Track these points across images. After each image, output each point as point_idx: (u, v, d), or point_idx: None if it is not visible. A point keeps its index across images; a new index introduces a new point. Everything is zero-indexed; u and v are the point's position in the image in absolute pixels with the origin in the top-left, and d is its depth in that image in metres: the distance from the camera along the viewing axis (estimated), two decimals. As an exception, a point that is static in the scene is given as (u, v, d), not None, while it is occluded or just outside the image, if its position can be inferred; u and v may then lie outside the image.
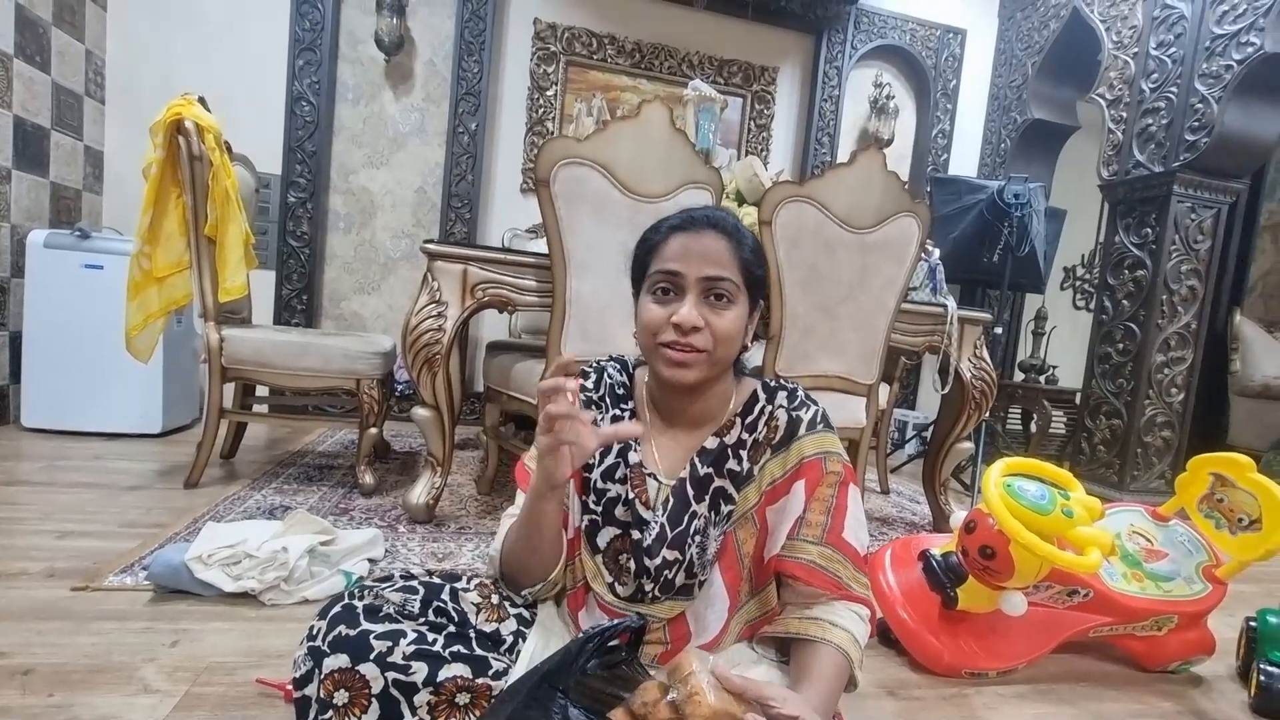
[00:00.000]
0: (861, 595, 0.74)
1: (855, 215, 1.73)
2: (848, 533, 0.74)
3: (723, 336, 0.72)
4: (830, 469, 0.76)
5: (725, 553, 0.76)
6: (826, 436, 0.77)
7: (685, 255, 0.73)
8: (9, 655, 0.98)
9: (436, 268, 1.66)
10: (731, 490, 0.76)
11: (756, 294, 0.77)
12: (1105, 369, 2.78)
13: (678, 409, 0.80)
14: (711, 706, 0.55)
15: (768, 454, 0.77)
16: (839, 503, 0.75)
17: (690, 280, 0.72)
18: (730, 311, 0.73)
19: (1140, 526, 1.29)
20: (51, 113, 2.44)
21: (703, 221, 0.75)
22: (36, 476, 1.84)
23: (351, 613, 0.74)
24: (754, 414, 0.79)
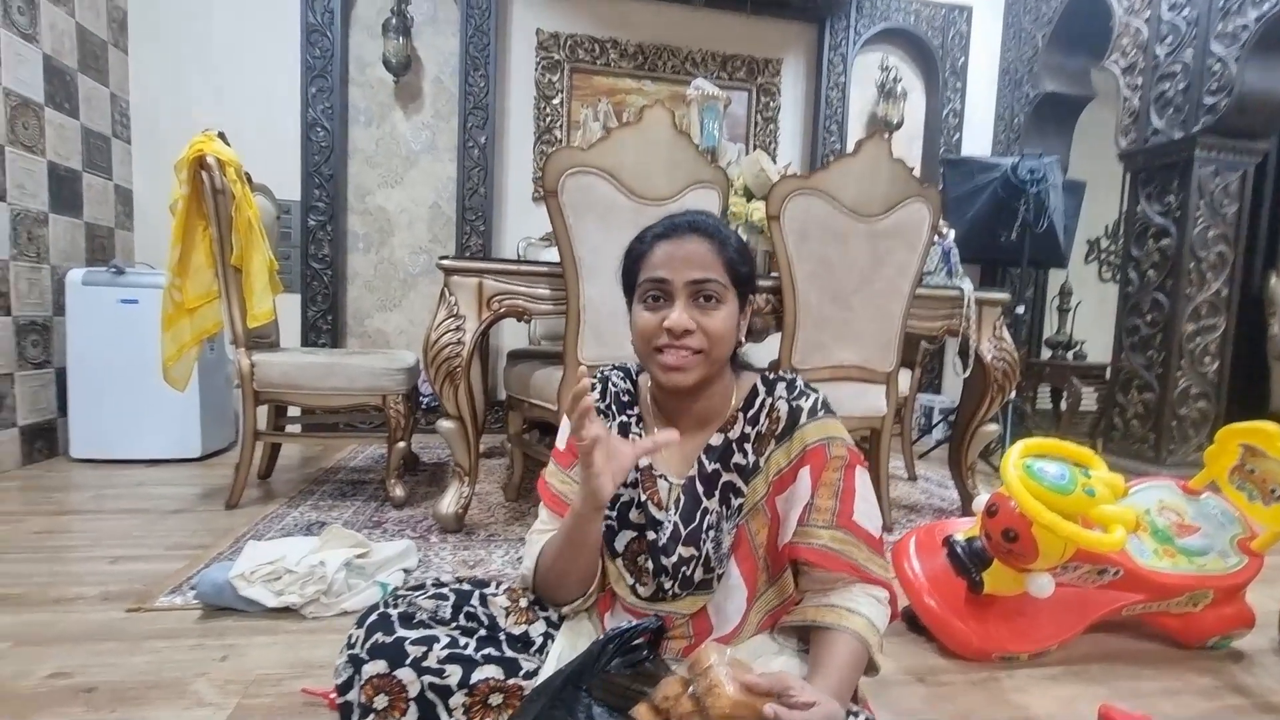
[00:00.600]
0: (880, 577, 0.74)
1: (864, 204, 1.72)
2: (858, 515, 0.75)
3: (715, 336, 0.74)
4: (835, 454, 0.76)
5: (740, 545, 0.77)
6: (828, 422, 0.78)
7: (670, 262, 0.74)
8: (72, 675, 1.04)
9: (453, 282, 1.70)
10: (740, 484, 0.78)
11: (744, 291, 0.79)
12: (1134, 342, 2.72)
13: (681, 410, 0.82)
14: (731, 698, 0.56)
15: (772, 445, 0.78)
16: (846, 486, 0.76)
17: (678, 285, 0.74)
18: (720, 311, 0.74)
19: (1170, 501, 1.27)
20: (82, 156, 2.54)
21: (685, 227, 0.77)
22: (87, 505, 1.92)
23: (387, 620, 0.77)
24: (755, 407, 0.80)
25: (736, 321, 0.77)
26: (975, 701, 1.05)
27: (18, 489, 2.04)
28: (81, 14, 2.52)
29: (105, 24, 2.66)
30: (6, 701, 0.96)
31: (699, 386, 0.77)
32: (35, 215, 2.32)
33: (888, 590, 0.75)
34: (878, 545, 0.76)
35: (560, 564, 0.78)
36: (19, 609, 1.26)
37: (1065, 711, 1.03)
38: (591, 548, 0.77)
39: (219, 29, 2.84)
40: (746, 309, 0.80)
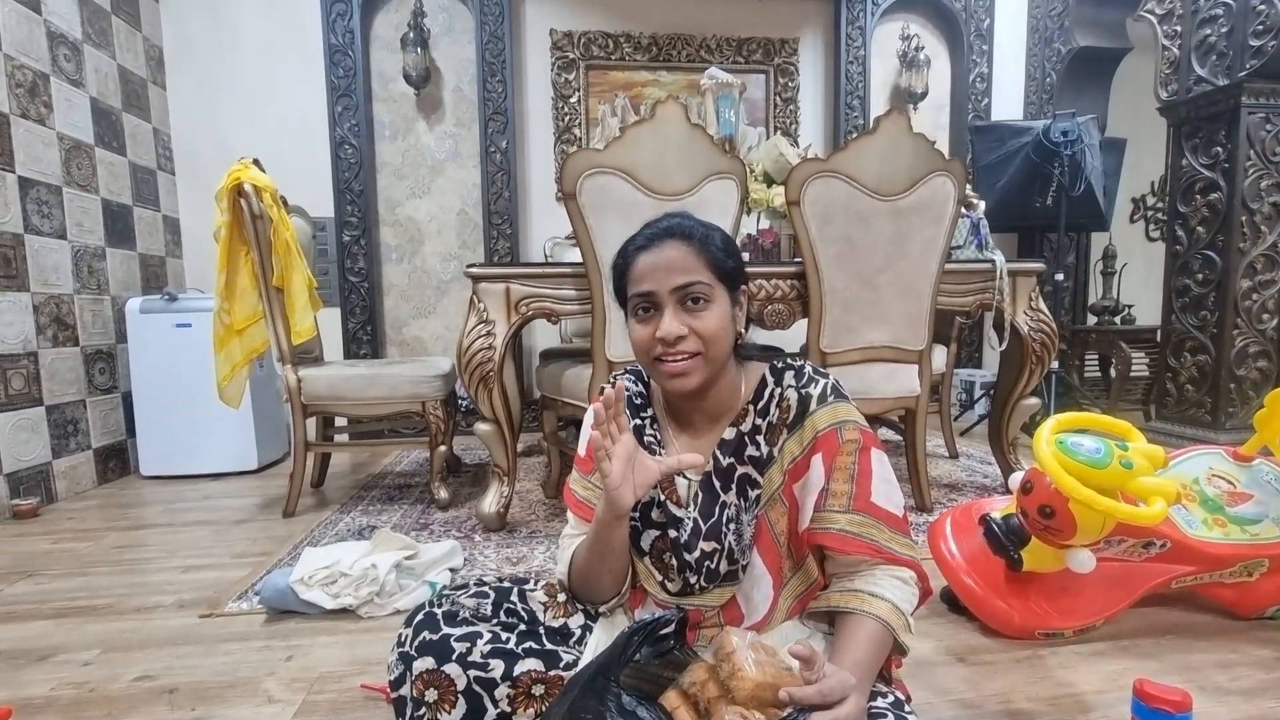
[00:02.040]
0: (904, 556, 0.74)
1: (886, 182, 1.70)
2: (876, 496, 0.75)
3: (709, 336, 0.74)
4: (847, 437, 0.76)
5: (761, 535, 0.79)
6: (838, 406, 0.78)
7: (653, 272, 0.75)
8: (156, 678, 1.13)
9: (481, 289, 1.74)
10: (755, 475, 0.79)
11: (734, 285, 0.78)
12: (1185, 302, 2.61)
13: (691, 409, 0.83)
14: (754, 680, 0.58)
15: (784, 434, 0.78)
16: (862, 469, 0.75)
17: (663, 294, 0.75)
18: (709, 311, 0.75)
19: (1220, 469, 1.23)
20: (131, 191, 2.69)
21: (663, 234, 0.77)
22: (159, 519, 2.05)
23: (433, 619, 0.81)
24: (765, 398, 0.81)
25: (730, 317, 0.77)
26: (1017, 679, 1.05)
27: (96, 507, 2.19)
28: (122, 56, 2.66)
29: (144, 63, 2.80)
30: (100, 703, 1.05)
31: (705, 386, 0.78)
32: (94, 250, 2.47)
33: (913, 569, 0.75)
34: (900, 524, 0.76)
35: (591, 567, 0.81)
36: (106, 618, 1.36)
37: (1111, 686, 1.01)
38: (619, 551, 0.79)
39: (248, 59, 2.96)
40: (740, 302, 0.80)
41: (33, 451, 2.16)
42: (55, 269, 2.28)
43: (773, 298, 1.83)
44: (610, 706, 0.59)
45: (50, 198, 2.27)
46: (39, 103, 2.23)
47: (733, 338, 0.78)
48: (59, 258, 2.30)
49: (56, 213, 2.29)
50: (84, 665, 1.17)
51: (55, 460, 2.25)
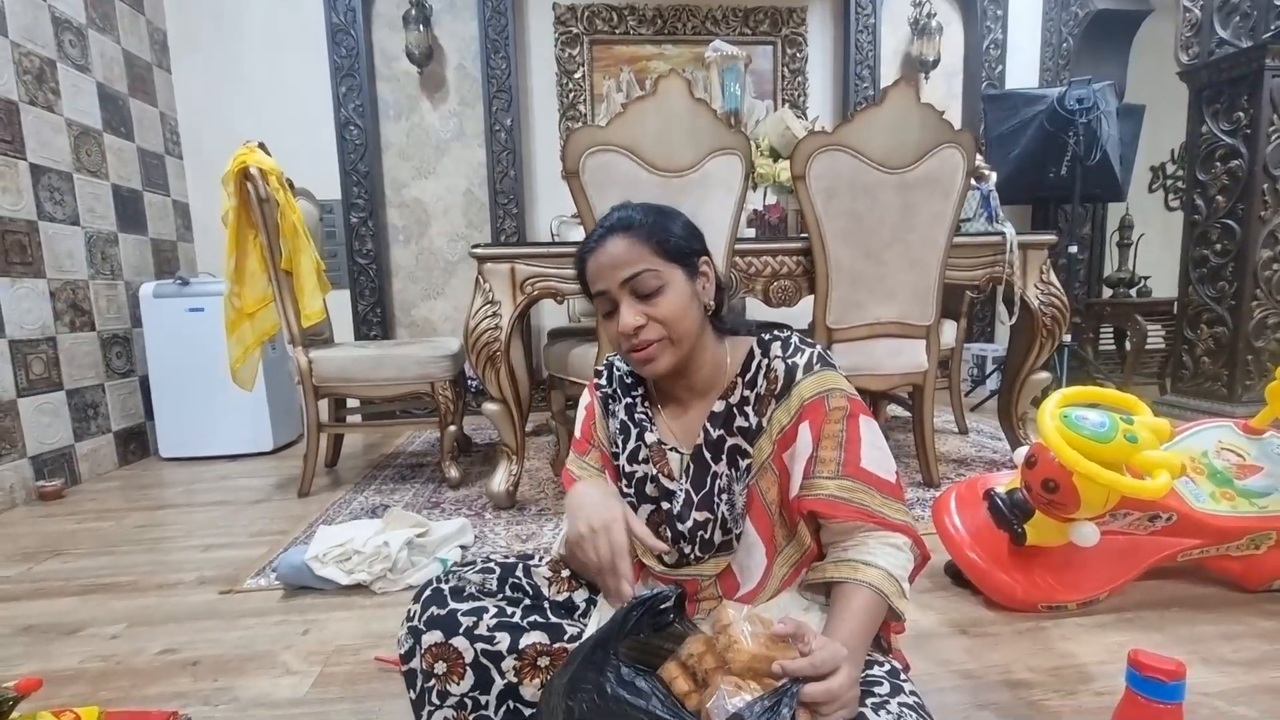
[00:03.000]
0: (896, 521, 0.74)
1: (893, 155, 1.67)
2: (866, 462, 0.75)
3: (668, 319, 0.76)
4: (834, 405, 0.77)
5: (753, 504, 0.80)
6: (825, 375, 0.78)
7: (601, 272, 0.77)
8: (179, 651, 1.17)
9: (486, 269, 1.75)
10: (745, 445, 0.80)
11: (687, 261, 0.79)
12: (1203, 273, 2.56)
13: (677, 387, 0.85)
14: (750, 652, 0.60)
15: (773, 404, 0.79)
16: (850, 435, 0.76)
17: (614, 290, 0.77)
18: (663, 296, 0.76)
19: (1230, 442, 1.22)
20: (141, 176, 2.71)
21: (605, 232, 0.79)
22: (178, 500, 2.11)
23: (440, 595, 0.84)
24: (752, 370, 0.81)
25: (690, 294, 0.78)
26: (1019, 651, 1.06)
27: (118, 488, 2.25)
28: (126, 40, 2.65)
29: (148, 46, 2.79)
30: (126, 675, 1.09)
31: (680, 365, 0.79)
32: (106, 236, 2.49)
33: (908, 534, 0.75)
34: (892, 489, 0.76)
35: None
36: (130, 595, 1.41)
37: (1113, 658, 1.02)
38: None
39: (250, 39, 2.95)
40: (699, 276, 0.80)
41: (55, 435, 2.21)
42: (69, 255, 2.31)
43: (778, 274, 1.82)
44: (609, 677, 0.61)
45: (62, 184, 2.29)
46: (46, 89, 2.24)
47: (698, 313, 0.79)
48: (73, 244, 2.33)
49: (69, 199, 2.32)
50: (111, 639, 1.22)
51: (77, 443, 2.30)
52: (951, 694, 0.94)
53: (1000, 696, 0.93)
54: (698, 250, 0.81)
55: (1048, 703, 0.92)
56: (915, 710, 0.63)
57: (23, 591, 1.44)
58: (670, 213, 0.82)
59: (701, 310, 0.80)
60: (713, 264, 0.83)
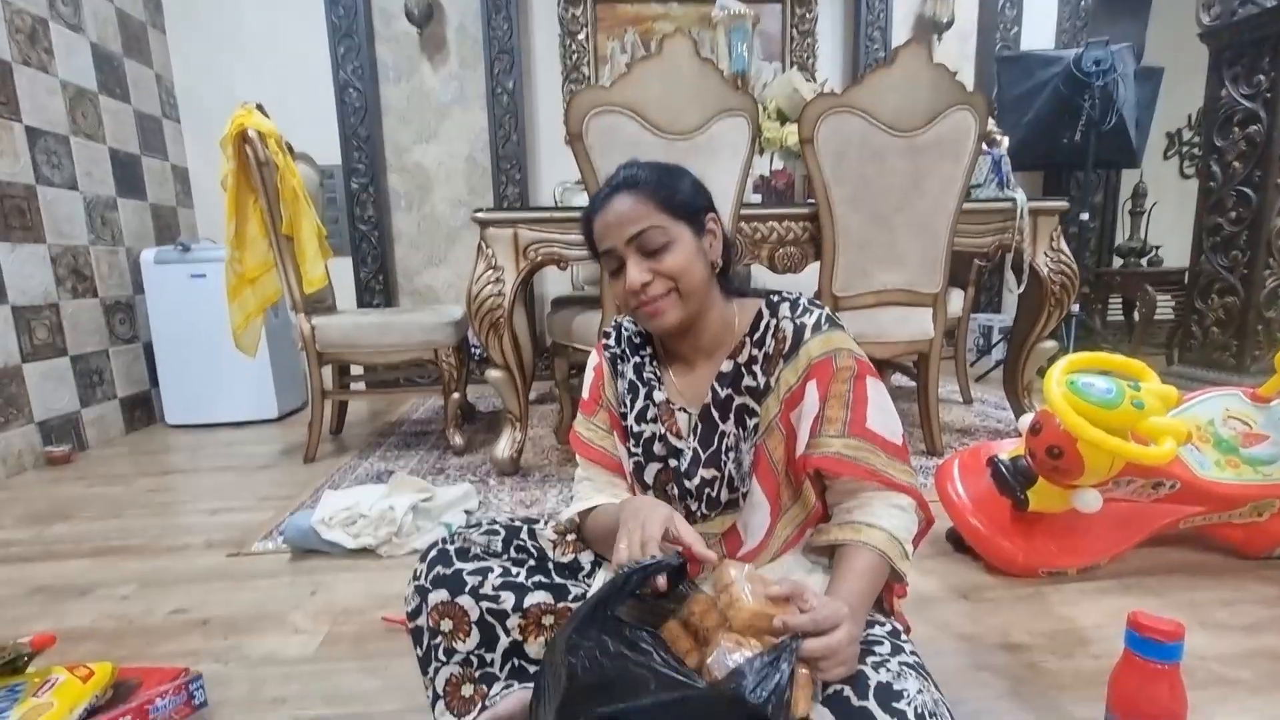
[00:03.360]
0: (902, 482, 0.74)
1: (903, 117, 1.63)
2: (872, 423, 0.75)
3: (675, 273, 0.76)
4: (841, 364, 0.77)
5: (760, 463, 0.80)
6: (832, 335, 0.78)
7: (607, 230, 0.77)
8: (190, 610, 1.19)
9: (489, 235, 1.73)
10: (753, 404, 0.80)
11: (693, 217, 0.78)
12: (1216, 242, 2.51)
13: (685, 346, 0.85)
14: (750, 610, 0.60)
15: (781, 365, 0.79)
16: (856, 395, 0.76)
17: (621, 248, 0.77)
18: (669, 252, 0.75)
19: (1237, 410, 1.21)
20: (138, 139, 2.67)
21: (610, 191, 0.78)
22: (185, 465, 2.13)
23: (445, 555, 0.85)
24: (760, 330, 0.81)
25: (696, 249, 0.78)
26: (1019, 615, 1.07)
27: (126, 454, 2.27)
28: (118, -2, 2.59)
29: (141, 5, 2.73)
30: (138, 634, 1.12)
31: (688, 321, 0.79)
32: (105, 201, 2.47)
33: (912, 496, 0.75)
34: (898, 451, 0.76)
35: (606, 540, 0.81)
36: (141, 557, 1.43)
37: (1111, 622, 1.03)
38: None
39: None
40: (710, 231, 0.80)
41: (61, 400, 2.23)
42: (69, 220, 2.29)
43: (784, 240, 1.79)
44: (611, 635, 0.61)
45: (58, 147, 2.26)
46: (40, 49, 2.19)
47: (705, 269, 0.79)
48: (71, 208, 2.31)
49: (66, 163, 2.29)
50: (122, 599, 1.24)
51: (84, 409, 2.31)
52: (951, 656, 0.95)
53: (998, 659, 0.95)
54: (704, 207, 0.80)
55: (1045, 664, 0.93)
56: (915, 670, 0.64)
57: (34, 553, 1.46)
58: (677, 170, 0.81)
59: (708, 267, 0.79)
60: (720, 221, 0.82)
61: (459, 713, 0.80)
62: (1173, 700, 0.64)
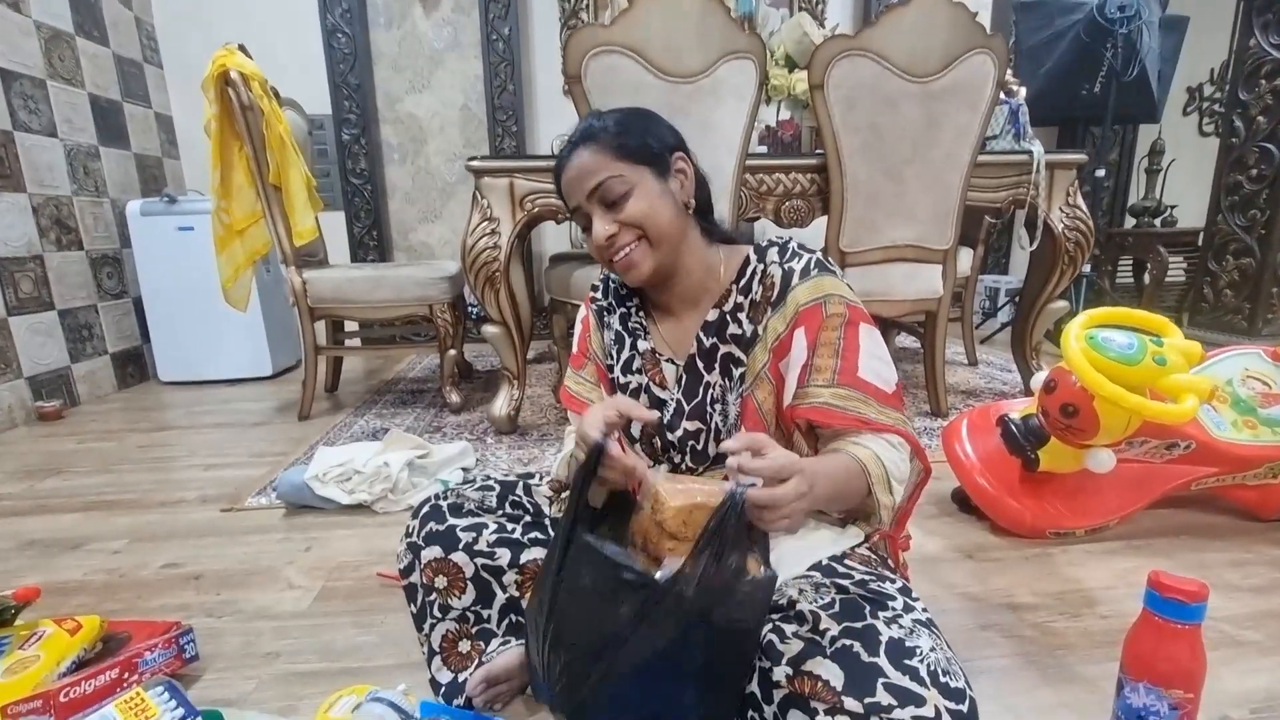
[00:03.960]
0: (893, 425, 0.71)
1: (918, 61, 1.55)
2: (864, 371, 0.72)
3: (638, 219, 0.73)
4: (831, 311, 0.73)
5: (748, 415, 0.77)
6: (822, 280, 0.74)
7: (570, 187, 0.76)
8: (182, 565, 1.17)
9: (484, 184, 1.66)
10: (739, 354, 0.77)
11: (656, 159, 0.75)
12: (1234, 201, 2.44)
13: (667, 295, 0.82)
14: (675, 506, 0.60)
15: (769, 312, 0.76)
16: (848, 343, 0.72)
17: (584, 203, 0.75)
18: (630, 200, 0.73)
19: (1257, 370, 1.17)
20: (119, 85, 2.56)
21: (570, 147, 0.76)
22: (180, 422, 2.10)
23: (438, 511, 0.82)
24: (747, 277, 0.78)
25: (662, 193, 0.75)
26: (1024, 575, 1.05)
27: (118, 410, 2.24)
28: (90, -69, 2.45)
29: (115, -60, 2.58)
30: (130, 587, 1.10)
31: (666, 269, 0.77)
32: (87, 149, 2.38)
33: (904, 437, 0.72)
34: (890, 399, 0.72)
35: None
36: (133, 512, 1.41)
37: (1120, 583, 1.01)
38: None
39: (226, -67, 2.72)
40: (675, 174, 0.77)
41: (50, 355, 2.18)
42: (50, 169, 2.21)
43: (791, 193, 1.73)
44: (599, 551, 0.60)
45: (35, 92, 2.16)
46: (8, -14, 2.08)
47: (674, 211, 0.75)
48: (52, 156, 2.22)
49: (44, 108, 2.19)
50: (114, 554, 1.22)
51: (74, 364, 2.28)
52: (956, 615, 0.94)
53: (1004, 618, 0.93)
54: (672, 146, 0.77)
55: (1053, 624, 0.91)
56: (927, 627, 0.62)
57: (26, 508, 1.44)
58: (638, 114, 0.78)
59: (679, 209, 0.76)
60: (689, 159, 0.78)
61: (456, 668, 0.78)
62: (1192, 661, 0.62)
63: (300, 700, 0.81)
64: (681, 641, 0.58)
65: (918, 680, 0.55)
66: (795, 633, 0.62)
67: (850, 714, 0.54)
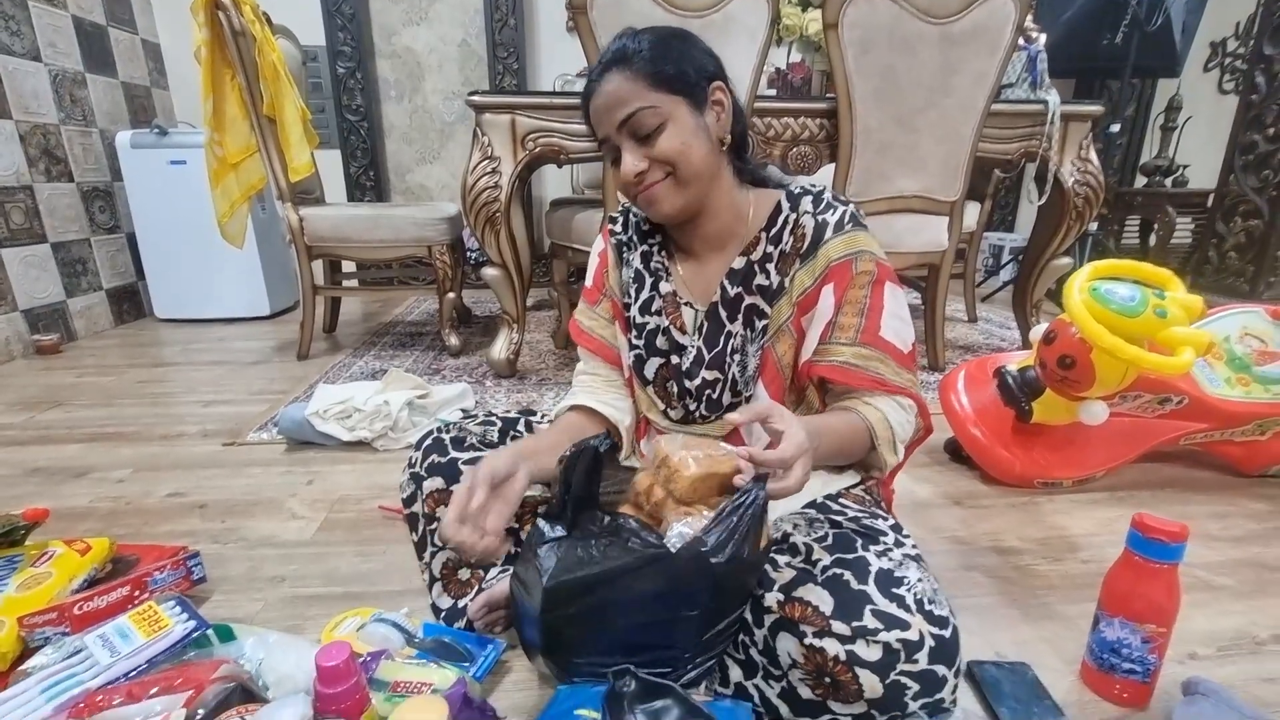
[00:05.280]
0: (905, 387, 0.72)
1: (938, 1, 1.49)
2: (885, 331, 0.72)
3: (670, 156, 0.69)
4: (861, 269, 0.72)
5: (766, 367, 0.77)
6: (856, 235, 0.73)
7: (599, 116, 0.71)
8: (187, 495, 1.19)
9: (485, 121, 1.62)
10: (764, 305, 0.75)
11: (694, 89, 0.70)
12: (1248, 161, 2.40)
13: (692, 235, 0.79)
14: (690, 476, 0.60)
15: (797, 264, 0.74)
16: (873, 302, 0.72)
17: (613, 134, 0.70)
18: (664, 132, 0.68)
19: (1255, 328, 1.17)
20: (104, 8, 2.45)
21: (602, 69, 0.71)
22: (177, 359, 2.10)
23: (440, 444, 0.83)
24: (778, 225, 0.75)
25: (697, 128, 0.70)
26: (1010, 521, 1.07)
27: (116, 346, 2.24)
28: None
29: None
30: (135, 514, 1.12)
31: (692, 209, 0.74)
32: (73, 76, 2.30)
33: (914, 400, 0.73)
34: (907, 360, 0.73)
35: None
36: (135, 443, 1.42)
37: (1104, 530, 1.04)
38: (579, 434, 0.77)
39: None
40: (711, 106, 0.71)
41: (45, 289, 2.17)
42: (35, 95, 2.14)
43: (799, 138, 1.69)
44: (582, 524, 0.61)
45: (15, 11, 2.07)
46: (-19, -106, 1.97)
47: (708, 147, 0.71)
48: (36, 82, 2.15)
49: (26, 30, 2.11)
50: (118, 482, 1.24)
51: (70, 299, 2.26)
52: (942, 556, 0.96)
53: (988, 560, 0.96)
54: (711, 75, 0.71)
55: (1036, 567, 0.94)
56: (915, 560, 0.64)
57: (28, 437, 1.46)
58: (676, 35, 0.72)
59: (713, 144, 0.72)
60: (728, 90, 0.73)
61: (456, 594, 0.81)
62: (1168, 599, 0.64)
63: (306, 620, 0.83)
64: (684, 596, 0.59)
65: (904, 607, 0.57)
66: (788, 563, 0.64)
67: (838, 636, 0.56)
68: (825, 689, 0.58)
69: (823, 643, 0.57)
